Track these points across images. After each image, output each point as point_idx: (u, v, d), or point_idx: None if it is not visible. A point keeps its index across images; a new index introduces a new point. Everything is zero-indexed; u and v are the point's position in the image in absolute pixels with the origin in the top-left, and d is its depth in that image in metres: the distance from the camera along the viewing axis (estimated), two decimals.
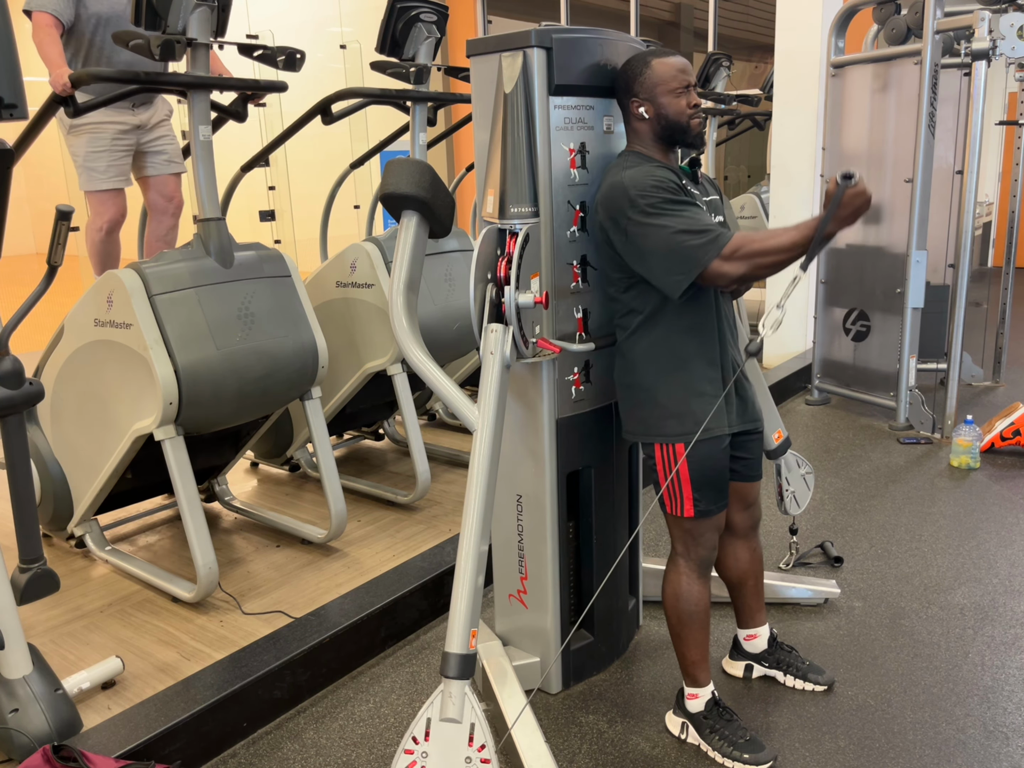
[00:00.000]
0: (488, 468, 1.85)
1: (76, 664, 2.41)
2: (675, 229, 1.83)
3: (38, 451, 2.95)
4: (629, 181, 1.89)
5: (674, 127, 1.97)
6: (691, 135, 1.99)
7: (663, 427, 1.99)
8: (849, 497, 3.58)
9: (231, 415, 2.78)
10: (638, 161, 1.98)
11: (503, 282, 1.90)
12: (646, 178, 1.88)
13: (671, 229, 1.83)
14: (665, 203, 1.85)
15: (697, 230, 1.82)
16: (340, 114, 3.30)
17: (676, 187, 1.90)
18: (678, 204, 1.86)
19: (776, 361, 5.31)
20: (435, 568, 2.77)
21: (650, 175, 1.89)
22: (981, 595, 2.77)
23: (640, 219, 1.86)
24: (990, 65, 3.89)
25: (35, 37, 3.10)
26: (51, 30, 3.12)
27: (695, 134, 1.99)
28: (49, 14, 3.13)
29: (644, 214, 1.86)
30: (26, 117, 1.73)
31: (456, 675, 1.76)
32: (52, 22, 3.14)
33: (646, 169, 1.92)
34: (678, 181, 1.93)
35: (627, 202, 1.87)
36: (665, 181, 1.88)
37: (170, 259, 2.62)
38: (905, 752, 2.08)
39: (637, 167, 1.94)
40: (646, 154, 2.01)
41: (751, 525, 2.27)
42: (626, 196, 1.88)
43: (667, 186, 1.87)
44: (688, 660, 2.12)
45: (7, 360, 1.96)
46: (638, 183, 1.88)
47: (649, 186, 1.87)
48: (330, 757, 2.13)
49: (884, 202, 4.35)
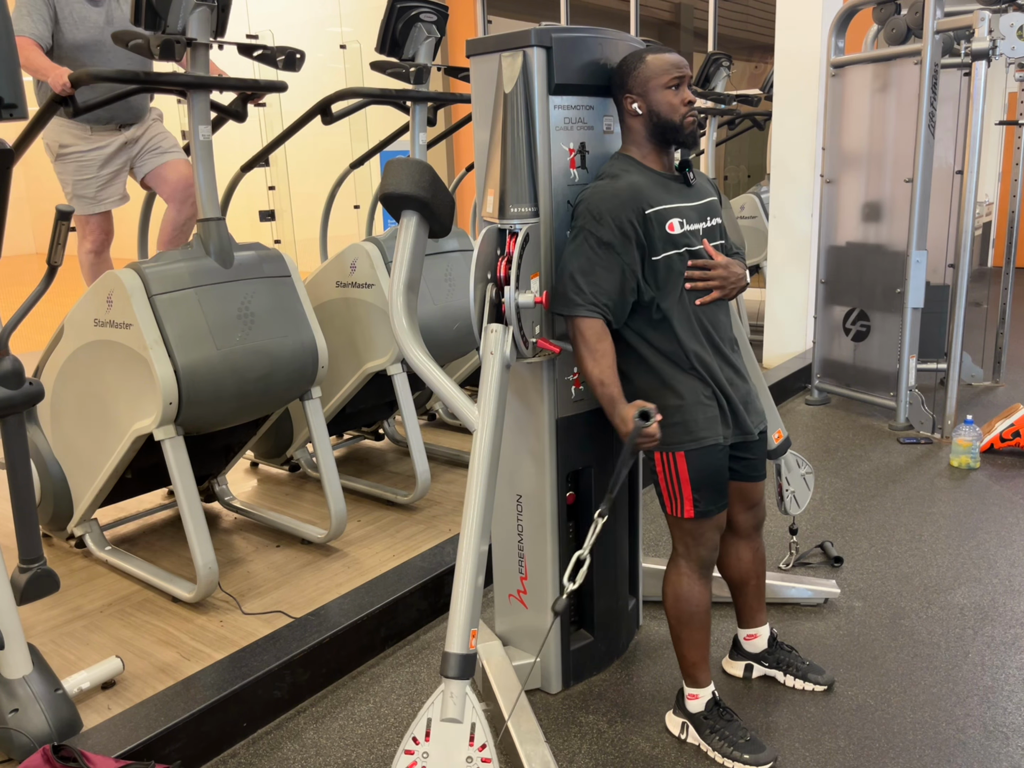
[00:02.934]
0: (488, 468, 1.85)
1: (76, 664, 2.41)
2: (575, 267, 1.94)
3: (38, 451, 2.95)
4: (590, 195, 1.96)
5: (666, 124, 1.97)
6: (683, 133, 1.98)
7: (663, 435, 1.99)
8: (849, 497, 3.58)
9: (231, 415, 2.78)
10: (619, 170, 1.99)
11: (503, 282, 1.90)
12: (604, 202, 1.92)
13: (573, 264, 1.94)
14: (591, 239, 1.92)
15: (583, 287, 1.92)
16: (340, 114, 3.30)
17: (622, 229, 1.90)
18: (601, 249, 1.92)
19: (776, 361, 5.31)
20: (435, 568, 2.77)
21: (611, 199, 1.91)
22: (981, 595, 2.77)
23: (572, 233, 1.98)
24: (990, 65, 3.89)
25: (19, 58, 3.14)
26: (34, 47, 3.16)
27: (687, 133, 1.98)
28: (28, 36, 3.18)
29: (575, 233, 1.96)
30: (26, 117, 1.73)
31: (456, 675, 1.76)
32: (33, 43, 3.18)
33: (614, 189, 1.93)
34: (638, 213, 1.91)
35: (580, 212, 1.97)
36: (619, 217, 1.90)
37: (170, 259, 2.62)
38: (905, 752, 2.08)
39: (616, 180, 1.96)
40: (636, 158, 2.02)
41: (754, 525, 2.27)
42: (583, 207, 1.96)
43: (612, 223, 1.90)
44: (688, 661, 2.12)
45: (7, 360, 1.96)
46: (594, 204, 1.93)
47: (597, 213, 1.92)
48: (330, 757, 2.13)
49: (884, 202, 4.35)
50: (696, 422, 1.97)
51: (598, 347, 1.92)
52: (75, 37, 3.32)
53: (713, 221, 2.07)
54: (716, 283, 1.99)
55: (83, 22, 3.34)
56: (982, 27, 3.79)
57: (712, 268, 1.99)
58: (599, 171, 2.06)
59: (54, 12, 3.26)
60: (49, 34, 3.27)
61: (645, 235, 1.93)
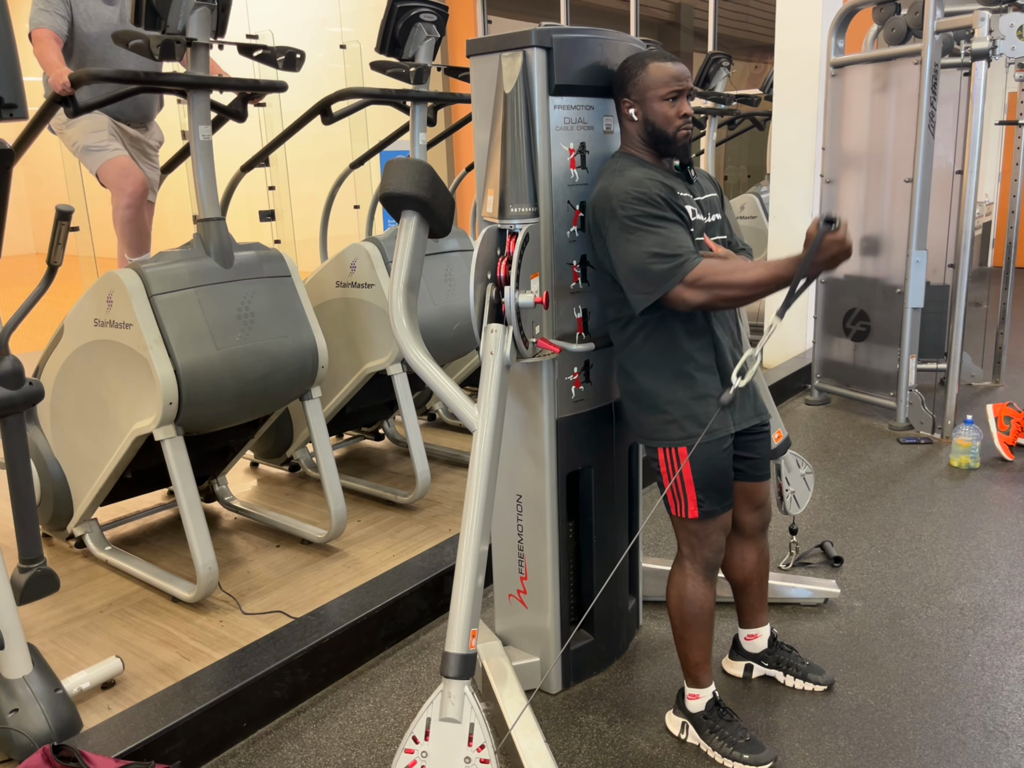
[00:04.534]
0: (488, 468, 1.85)
1: (76, 664, 2.41)
2: (645, 249, 1.86)
3: (38, 451, 2.95)
4: (615, 190, 1.91)
5: (659, 135, 1.97)
6: (675, 146, 1.98)
7: (666, 432, 1.99)
8: (849, 497, 3.58)
9: (231, 415, 2.78)
10: (628, 165, 1.98)
11: (503, 282, 1.90)
12: (631, 188, 1.89)
13: (642, 248, 1.86)
14: (643, 217, 1.86)
15: (667, 254, 1.84)
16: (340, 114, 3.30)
17: (659, 200, 1.88)
18: (656, 220, 1.87)
19: (776, 361, 5.31)
20: (435, 568, 2.77)
21: (635, 185, 1.89)
22: (981, 595, 2.77)
23: (617, 231, 1.90)
24: (990, 65, 3.89)
25: (36, 50, 3.21)
26: (51, 41, 3.22)
27: (680, 145, 1.98)
28: (47, 28, 3.24)
29: (622, 227, 1.89)
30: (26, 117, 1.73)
31: (456, 675, 1.76)
32: (52, 35, 3.24)
33: (633, 176, 1.92)
34: (664, 189, 1.91)
35: (609, 212, 1.90)
36: (649, 192, 1.88)
37: (170, 259, 2.62)
38: (905, 752, 2.08)
39: (624, 173, 1.94)
40: (637, 156, 2.02)
41: (760, 526, 2.26)
42: (609, 205, 1.90)
43: (649, 199, 1.87)
44: (691, 662, 2.12)
45: (7, 360, 1.96)
46: (622, 193, 1.89)
47: (632, 198, 1.88)
48: (330, 757, 2.13)
49: (884, 202, 4.35)
50: (708, 414, 1.97)
51: (724, 268, 1.82)
52: (90, 29, 3.39)
53: (714, 216, 2.07)
54: None
55: (96, 19, 3.40)
56: (982, 27, 3.79)
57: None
58: (600, 170, 2.06)
59: (70, 9, 3.33)
60: (66, 28, 3.33)
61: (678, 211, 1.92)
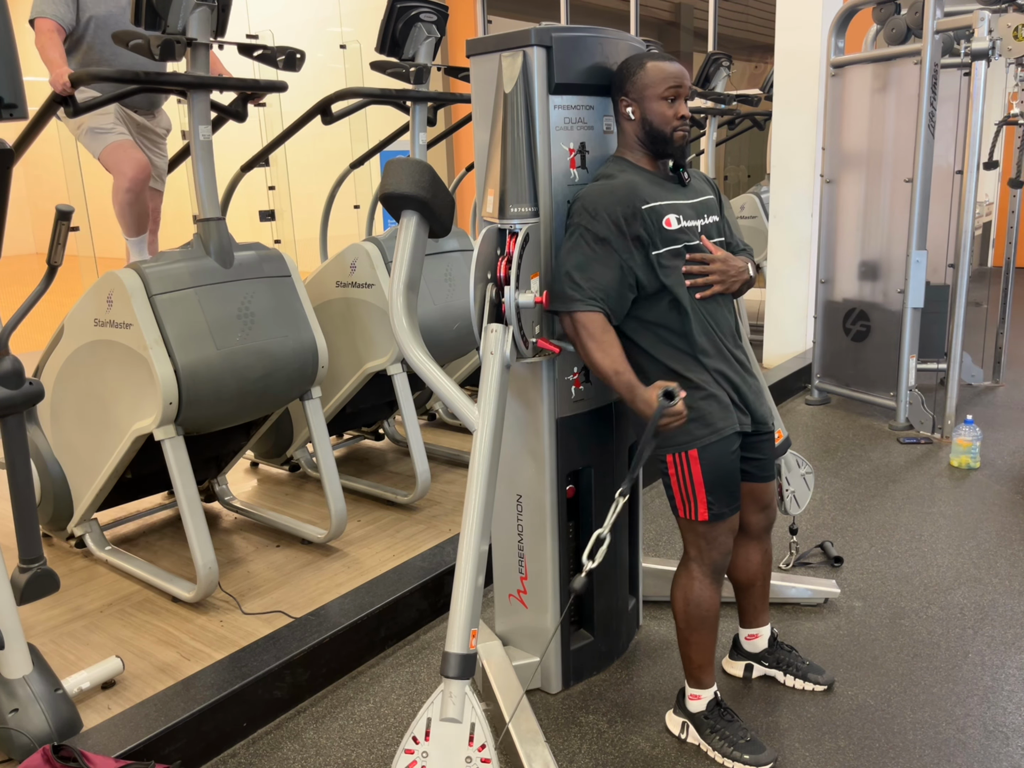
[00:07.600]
0: (488, 468, 1.85)
1: (76, 664, 2.41)
2: (571, 261, 1.94)
3: (38, 451, 2.95)
4: (586, 194, 1.96)
5: (656, 135, 1.98)
6: (672, 146, 1.99)
7: (673, 437, 1.98)
8: (849, 497, 3.58)
9: (231, 415, 2.78)
10: (616, 170, 2.00)
11: (503, 282, 1.90)
12: (598, 198, 1.93)
13: (570, 258, 1.94)
14: (587, 233, 1.93)
15: (577, 281, 1.92)
16: (340, 114, 3.30)
17: (613, 225, 1.90)
18: (596, 242, 1.92)
19: (776, 361, 5.31)
20: (435, 568, 2.77)
21: (607, 195, 1.92)
22: (981, 595, 2.77)
23: (568, 231, 1.99)
24: (990, 65, 3.89)
25: (37, 42, 3.15)
26: (53, 34, 3.18)
27: (676, 146, 1.99)
28: (50, 19, 3.19)
29: (571, 230, 1.97)
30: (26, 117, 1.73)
31: (456, 675, 1.76)
32: (54, 27, 3.20)
33: (610, 186, 1.94)
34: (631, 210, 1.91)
35: (575, 211, 1.98)
36: (610, 211, 1.91)
37: (170, 259, 2.62)
38: (905, 752, 2.08)
39: (608, 179, 1.97)
40: (632, 160, 2.03)
41: (765, 527, 2.25)
42: (577, 205, 1.97)
43: (605, 217, 1.91)
44: (695, 663, 2.11)
45: (7, 360, 1.96)
46: (590, 201, 1.94)
47: (593, 209, 1.92)
48: (330, 757, 2.13)
49: (884, 202, 4.35)
50: (712, 414, 1.97)
51: (604, 338, 1.92)
52: (95, 10, 3.34)
53: (711, 218, 2.07)
54: (715, 277, 1.98)
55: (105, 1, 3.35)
56: (982, 27, 3.79)
57: (710, 262, 1.99)
58: (596, 173, 2.06)
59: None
60: (72, 17, 3.28)
61: (644, 230, 1.93)
